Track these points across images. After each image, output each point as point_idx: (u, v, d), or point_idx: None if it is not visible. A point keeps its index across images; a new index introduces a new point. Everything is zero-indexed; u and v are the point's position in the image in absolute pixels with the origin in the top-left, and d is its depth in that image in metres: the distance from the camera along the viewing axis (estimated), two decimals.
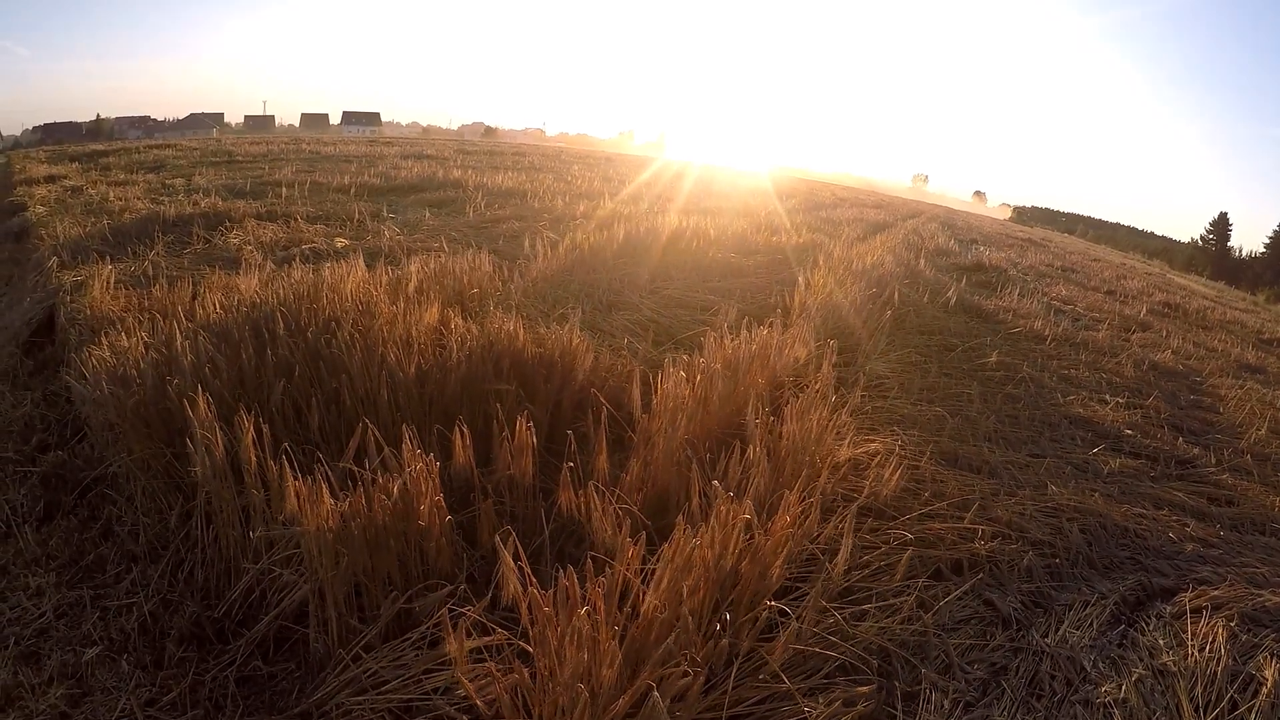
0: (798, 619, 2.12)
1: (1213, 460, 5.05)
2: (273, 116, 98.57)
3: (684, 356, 3.81)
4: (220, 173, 13.76)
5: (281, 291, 4.19)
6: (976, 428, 4.46)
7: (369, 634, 2.07)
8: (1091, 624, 2.79)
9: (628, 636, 1.88)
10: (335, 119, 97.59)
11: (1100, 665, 2.55)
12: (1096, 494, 3.89)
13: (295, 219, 8.18)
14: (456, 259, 5.27)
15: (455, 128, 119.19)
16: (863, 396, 4.28)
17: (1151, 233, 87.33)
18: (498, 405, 2.76)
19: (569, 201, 11.51)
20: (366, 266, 4.64)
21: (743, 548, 2.23)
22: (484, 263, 5.37)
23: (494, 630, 1.93)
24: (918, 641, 2.42)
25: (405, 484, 2.16)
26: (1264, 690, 2.58)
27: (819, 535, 2.65)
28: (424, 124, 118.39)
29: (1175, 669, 2.59)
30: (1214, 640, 2.81)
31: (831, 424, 3.39)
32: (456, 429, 2.54)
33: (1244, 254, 57.00)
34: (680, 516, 2.19)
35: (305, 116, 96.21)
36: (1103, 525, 3.58)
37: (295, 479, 2.14)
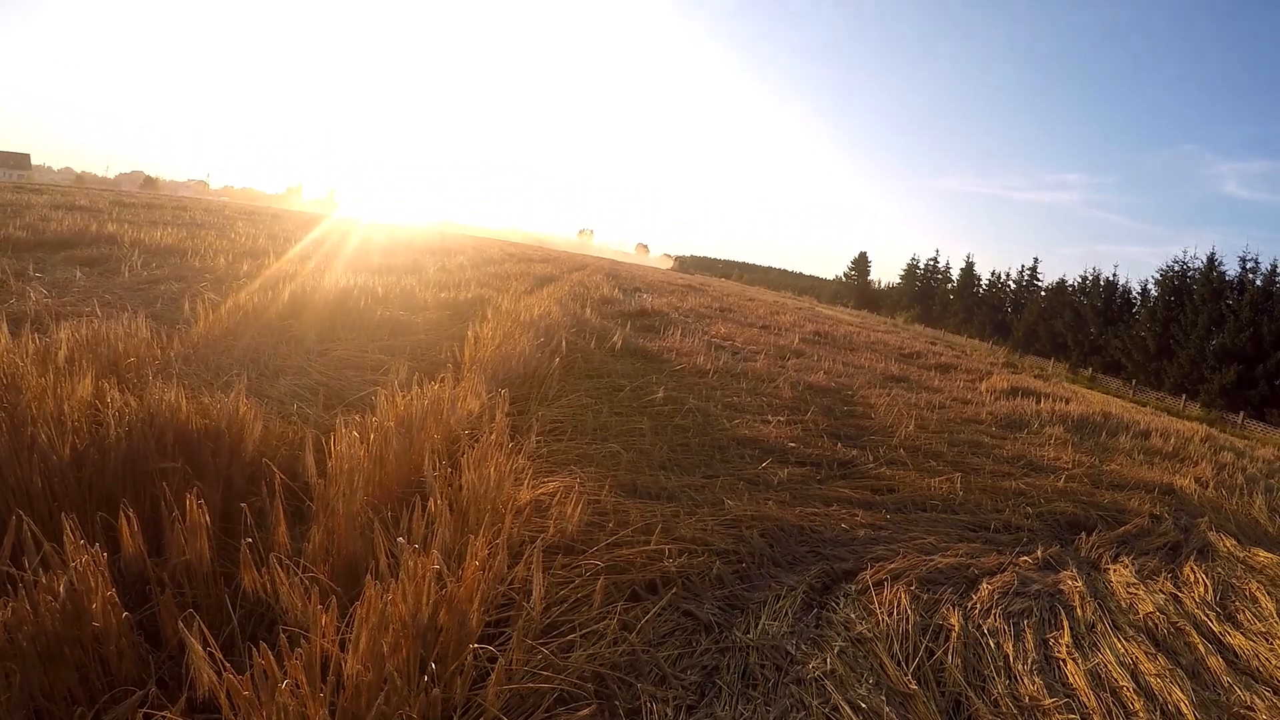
0: (506, 660, 2.34)
1: (870, 458, 6.24)
2: None
3: (357, 417, 3.93)
4: None
5: None
6: (651, 458, 5.07)
7: None
8: (787, 614, 3.35)
9: (339, 708, 1.96)
10: None
11: (803, 647, 3.08)
12: (770, 501, 4.64)
13: None
14: (111, 324, 5.12)
15: (113, 176, 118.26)
16: (538, 440, 4.68)
17: (800, 273, 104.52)
18: (164, 485, 2.75)
19: (233, 260, 11.59)
20: (10, 333, 4.35)
21: (437, 598, 2.40)
22: (141, 328, 5.28)
23: None
24: (628, 661, 2.74)
25: (72, 581, 2.10)
26: (954, 634, 3.33)
27: (511, 577, 2.91)
28: (78, 170, 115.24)
29: (871, 635, 3.23)
30: (899, 604, 3.54)
31: (510, 469, 3.70)
32: (122, 514, 2.48)
33: (883, 285, 69.22)
34: (369, 576, 2.32)
35: None
36: (780, 528, 4.28)
37: None
